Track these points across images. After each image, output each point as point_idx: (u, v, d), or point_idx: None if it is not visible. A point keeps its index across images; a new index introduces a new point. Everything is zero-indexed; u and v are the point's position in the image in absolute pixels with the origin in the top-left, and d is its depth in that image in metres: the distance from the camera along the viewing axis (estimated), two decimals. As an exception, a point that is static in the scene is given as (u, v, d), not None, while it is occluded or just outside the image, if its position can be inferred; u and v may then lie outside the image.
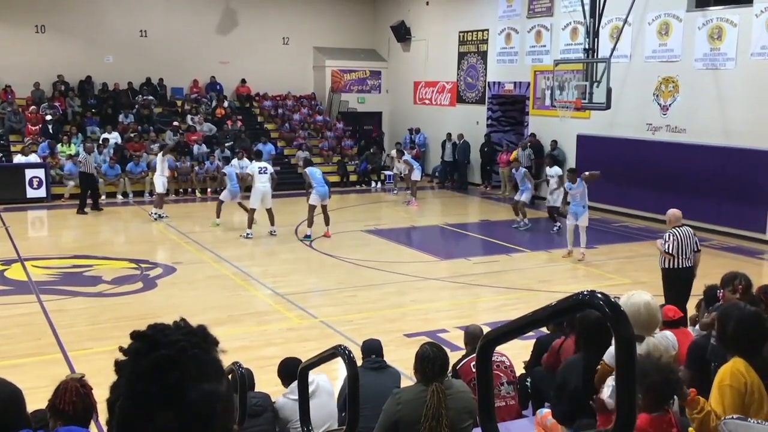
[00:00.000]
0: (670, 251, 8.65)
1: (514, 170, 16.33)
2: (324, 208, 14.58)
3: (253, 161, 15.35)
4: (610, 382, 3.67)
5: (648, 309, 4.05)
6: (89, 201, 17.59)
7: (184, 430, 1.21)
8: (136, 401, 1.21)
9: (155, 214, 16.55)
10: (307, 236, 14.55)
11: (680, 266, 8.65)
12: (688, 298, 8.46)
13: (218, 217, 15.85)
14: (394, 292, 11.20)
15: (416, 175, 19.07)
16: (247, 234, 14.60)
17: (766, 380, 3.43)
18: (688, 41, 15.96)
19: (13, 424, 2.47)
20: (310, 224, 14.54)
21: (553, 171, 15.32)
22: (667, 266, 8.79)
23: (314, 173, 14.58)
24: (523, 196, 15.72)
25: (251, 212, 14.67)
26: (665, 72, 16.50)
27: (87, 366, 7.84)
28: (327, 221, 14.73)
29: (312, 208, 14.44)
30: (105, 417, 1.29)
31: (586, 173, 13.00)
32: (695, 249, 8.75)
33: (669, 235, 8.75)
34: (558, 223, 15.30)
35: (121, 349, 1.28)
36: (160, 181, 16.51)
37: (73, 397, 3.26)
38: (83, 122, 21.41)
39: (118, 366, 1.27)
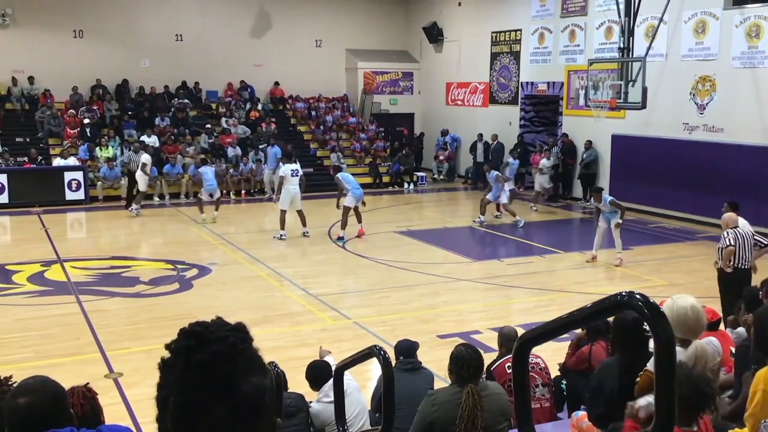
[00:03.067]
0: (730, 243, 8.51)
1: (486, 173, 16.76)
2: (356, 209, 14.71)
3: (285, 163, 15.45)
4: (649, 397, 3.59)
5: (695, 312, 3.99)
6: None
7: (237, 423, 1.24)
8: (191, 396, 1.24)
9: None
10: (341, 238, 14.64)
11: (739, 267, 8.50)
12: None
13: (202, 212, 16.62)
14: (427, 293, 11.19)
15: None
16: (281, 235, 14.71)
17: None
18: (725, 39, 15.69)
19: (58, 421, 2.53)
20: (344, 226, 14.66)
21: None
22: (725, 269, 8.65)
23: (347, 177, 14.84)
24: (503, 198, 16.18)
25: (282, 213, 14.78)
26: (702, 71, 16.25)
27: (124, 365, 7.99)
28: (359, 219, 14.93)
29: (347, 210, 14.60)
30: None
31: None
32: (762, 245, 8.70)
33: (727, 232, 8.64)
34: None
35: (169, 346, 1.30)
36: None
37: (80, 399, 3.36)
38: (120, 125, 21.75)
39: (167, 363, 1.29)
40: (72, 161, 19.49)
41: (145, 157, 17.74)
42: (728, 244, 8.57)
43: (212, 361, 1.24)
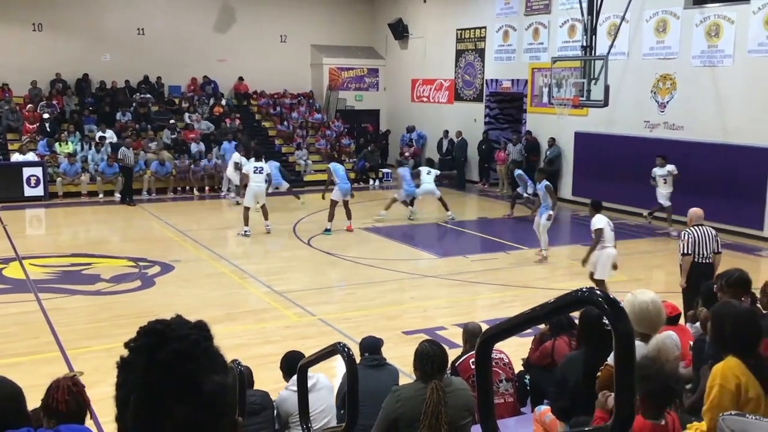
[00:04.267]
0: (686, 251, 8.52)
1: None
2: (345, 203, 14.95)
3: (252, 159, 15.33)
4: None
5: (656, 306, 4.06)
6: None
7: (200, 422, 1.23)
8: (153, 395, 1.22)
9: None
10: (327, 230, 14.87)
11: (697, 261, 8.51)
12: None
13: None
14: (393, 290, 11.21)
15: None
16: (245, 231, 14.62)
17: (762, 380, 3.41)
18: (686, 38, 15.97)
19: (14, 422, 2.48)
20: (331, 219, 14.90)
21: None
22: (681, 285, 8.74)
23: (337, 169, 15.00)
24: (398, 194, 16.54)
25: (246, 210, 14.71)
26: (663, 69, 16.52)
27: (85, 364, 7.84)
28: (349, 215, 15.10)
29: (334, 203, 14.81)
30: (102, 415, 1.30)
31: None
32: (716, 250, 8.61)
33: (684, 234, 8.71)
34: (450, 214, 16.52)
35: (128, 345, 1.29)
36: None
37: (65, 395, 3.27)
38: (81, 120, 21.38)
39: (126, 362, 1.27)
40: (31, 157, 19.10)
41: (237, 156, 17.72)
42: (684, 252, 8.56)
43: (175, 360, 1.23)
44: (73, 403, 3.25)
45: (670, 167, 15.21)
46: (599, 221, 9.94)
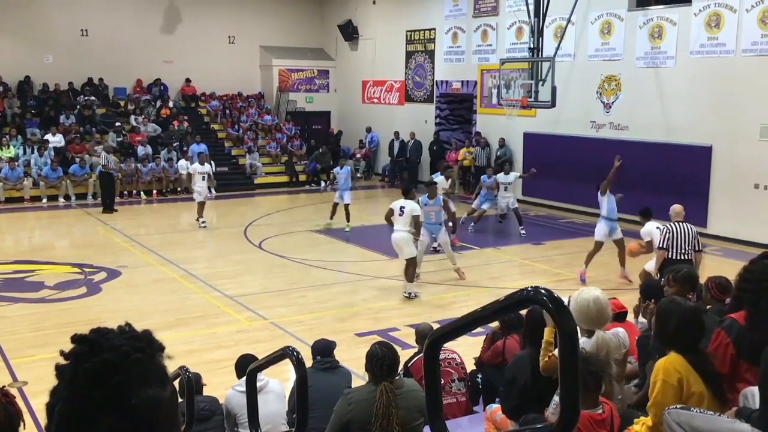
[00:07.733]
0: (662, 245, 8.51)
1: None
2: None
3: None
4: (556, 398, 3.72)
5: (597, 304, 4.11)
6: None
7: None
8: (77, 405, 1.19)
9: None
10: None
11: (671, 257, 8.38)
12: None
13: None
14: (345, 292, 11.17)
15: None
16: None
17: (704, 375, 3.48)
18: (630, 40, 16.31)
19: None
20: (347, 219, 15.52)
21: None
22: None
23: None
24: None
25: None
26: (608, 70, 16.83)
27: (30, 374, 7.65)
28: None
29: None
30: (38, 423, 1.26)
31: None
32: (696, 248, 8.53)
33: (664, 228, 8.67)
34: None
35: (62, 352, 1.26)
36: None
37: None
38: (23, 124, 20.83)
39: (59, 370, 1.25)
40: (-30, 161, 18.54)
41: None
42: (660, 245, 8.54)
43: (101, 371, 1.20)
44: (2, 414, 3.14)
45: None
46: None
